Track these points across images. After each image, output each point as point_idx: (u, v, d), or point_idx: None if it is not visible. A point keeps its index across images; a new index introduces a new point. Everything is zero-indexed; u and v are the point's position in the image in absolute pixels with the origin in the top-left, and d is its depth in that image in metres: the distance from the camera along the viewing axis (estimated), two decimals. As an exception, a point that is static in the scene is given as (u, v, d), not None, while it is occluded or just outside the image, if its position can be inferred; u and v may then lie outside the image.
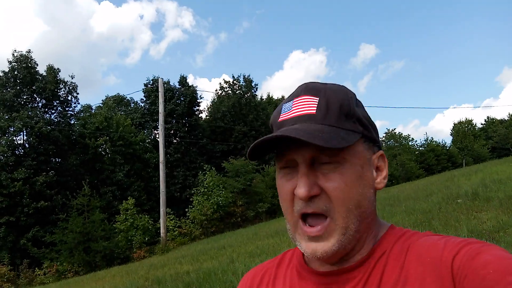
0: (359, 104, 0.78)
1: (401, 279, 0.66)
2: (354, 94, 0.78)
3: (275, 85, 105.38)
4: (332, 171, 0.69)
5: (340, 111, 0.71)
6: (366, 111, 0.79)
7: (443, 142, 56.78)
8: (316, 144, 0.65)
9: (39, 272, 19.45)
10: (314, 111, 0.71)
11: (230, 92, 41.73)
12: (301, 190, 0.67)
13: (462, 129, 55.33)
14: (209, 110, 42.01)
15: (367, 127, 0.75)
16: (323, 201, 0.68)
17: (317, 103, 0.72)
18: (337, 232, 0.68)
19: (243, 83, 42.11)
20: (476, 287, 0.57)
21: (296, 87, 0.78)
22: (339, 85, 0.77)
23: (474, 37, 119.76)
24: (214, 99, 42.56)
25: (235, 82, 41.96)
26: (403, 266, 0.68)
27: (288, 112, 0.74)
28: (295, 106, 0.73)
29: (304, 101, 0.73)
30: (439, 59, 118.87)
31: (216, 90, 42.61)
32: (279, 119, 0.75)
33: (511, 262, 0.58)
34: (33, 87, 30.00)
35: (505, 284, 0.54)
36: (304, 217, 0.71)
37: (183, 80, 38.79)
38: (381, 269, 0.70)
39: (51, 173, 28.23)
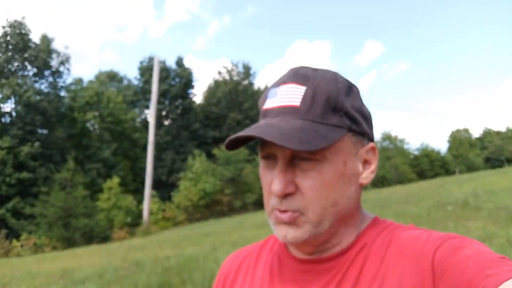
0: (353, 92, 0.73)
1: (381, 271, 0.66)
2: (348, 81, 0.73)
3: (276, 72, 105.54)
4: (311, 168, 0.67)
5: (326, 104, 0.68)
6: (360, 100, 0.74)
7: (438, 148, 57.64)
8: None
9: (16, 244, 19.23)
10: (298, 103, 0.68)
11: (227, 78, 41.45)
12: (276, 187, 0.66)
13: (459, 137, 56.06)
14: (204, 94, 41.75)
15: (355, 120, 0.71)
16: (296, 200, 0.67)
17: (303, 93, 0.68)
18: (308, 224, 0.68)
19: (241, 70, 41.84)
20: (456, 280, 0.58)
21: (287, 70, 0.74)
22: (331, 72, 0.73)
23: (479, 47, 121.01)
24: (210, 84, 42.34)
25: (233, 68, 41.68)
26: (384, 259, 0.67)
27: (273, 100, 0.71)
28: (281, 94, 0.70)
29: (290, 90, 0.70)
30: (444, 64, 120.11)
31: (213, 77, 42.46)
32: (264, 106, 0.73)
33: (490, 257, 0.58)
34: (25, 55, 29.49)
35: (483, 277, 0.54)
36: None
37: (180, 61, 38.40)
38: (362, 261, 0.69)
39: (37, 144, 27.78)
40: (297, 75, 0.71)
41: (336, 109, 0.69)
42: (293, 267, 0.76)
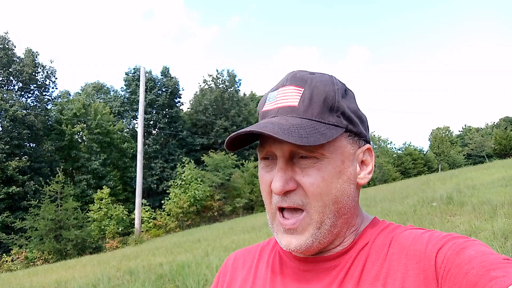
0: (348, 95, 0.75)
1: (384, 270, 0.66)
2: (344, 84, 0.75)
3: (263, 79, 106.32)
4: (310, 166, 0.68)
5: (324, 104, 0.69)
6: (355, 103, 0.76)
7: (421, 147, 58.54)
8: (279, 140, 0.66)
9: (6, 259, 18.94)
10: (297, 103, 0.69)
11: (213, 85, 41.51)
12: (276, 185, 0.67)
13: (440, 135, 56.77)
14: (191, 102, 41.74)
15: (352, 121, 0.72)
16: (299, 195, 0.68)
17: (301, 94, 0.70)
18: (312, 227, 0.68)
19: (227, 78, 41.95)
20: (459, 281, 0.56)
21: (285, 74, 0.76)
22: (327, 75, 0.75)
23: (457, 47, 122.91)
24: (196, 92, 42.36)
25: (218, 76, 41.75)
26: (386, 258, 0.67)
27: (272, 102, 0.73)
28: (279, 96, 0.72)
29: (288, 92, 0.71)
30: (423, 65, 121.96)
31: (199, 84, 42.44)
32: (263, 109, 0.74)
33: (495, 258, 0.57)
34: (10, 69, 29.20)
35: (489, 279, 0.53)
36: (281, 209, 0.71)
37: (165, 71, 38.35)
38: (363, 260, 0.69)
39: (24, 158, 27.52)
40: (295, 78, 0.72)
41: (333, 109, 0.70)
42: (294, 266, 0.76)
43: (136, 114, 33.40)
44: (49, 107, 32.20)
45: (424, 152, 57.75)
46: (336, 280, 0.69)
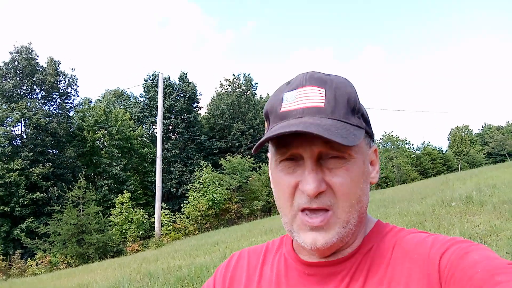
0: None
1: (388, 274, 0.66)
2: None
3: (279, 82, 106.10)
4: (339, 166, 0.67)
5: (348, 105, 0.69)
6: (362, 105, 0.76)
7: (439, 146, 57.49)
8: (325, 139, 0.63)
9: (31, 263, 19.43)
10: (323, 104, 0.67)
11: (229, 89, 41.75)
12: (310, 187, 0.65)
13: (459, 134, 55.62)
14: (208, 107, 42.05)
15: (368, 123, 0.74)
16: (328, 196, 0.66)
17: (324, 95, 0.68)
18: (338, 225, 0.67)
19: (243, 81, 42.13)
20: (463, 286, 0.56)
21: (299, 75, 0.73)
22: (342, 77, 0.74)
23: (476, 45, 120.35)
24: (213, 96, 42.65)
25: (235, 80, 41.98)
26: (390, 262, 0.67)
27: (292, 103, 0.69)
28: (300, 97, 0.69)
29: (311, 92, 0.69)
30: (441, 63, 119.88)
31: (215, 88, 42.75)
32: (281, 109, 0.70)
33: (499, 262, 0.57)
34: (33, 79, 30.00)
35: (493, 284, 0.53)
36: (303, 209, 0.69)
37: (183, 77, 38.75)
38: (368, 264, 0.69)
39: (48, 164, 28.20)
40: (314, 79, 0.70)
41: (355, 110, 0.70)
42: (299, 270, 0.75)
43: (155, 119, 33.82)
44: (71, 114, 32.99)
45: (443, 152, 56.68)
46: (341, 285, 0.69)
